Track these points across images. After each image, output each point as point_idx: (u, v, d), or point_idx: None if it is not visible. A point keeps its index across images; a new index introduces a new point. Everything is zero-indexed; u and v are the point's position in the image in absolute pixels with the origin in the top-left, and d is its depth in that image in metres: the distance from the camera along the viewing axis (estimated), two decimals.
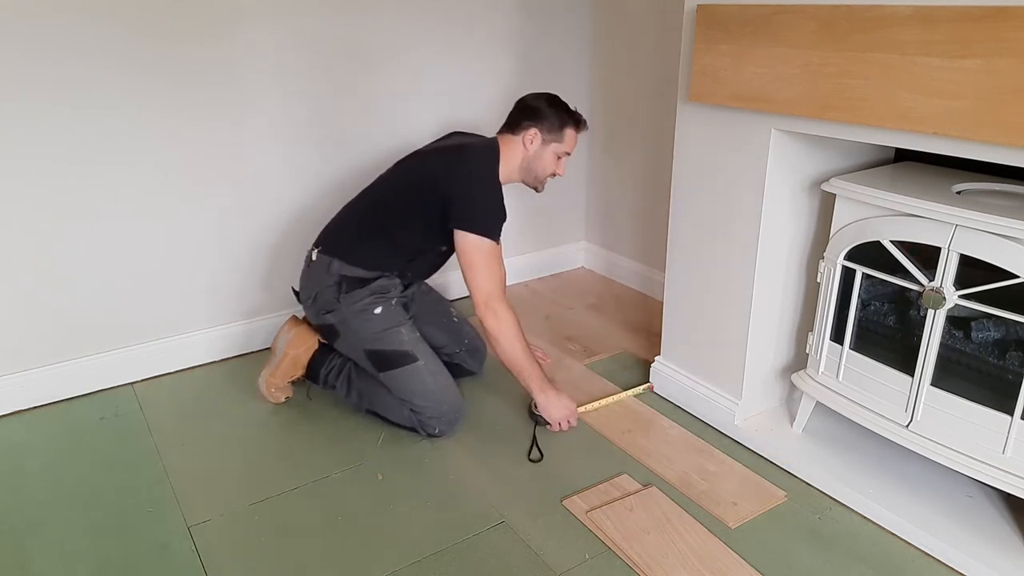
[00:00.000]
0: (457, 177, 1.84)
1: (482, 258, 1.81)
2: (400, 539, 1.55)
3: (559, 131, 1.93)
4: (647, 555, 1.49)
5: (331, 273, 1.90)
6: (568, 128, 1.94)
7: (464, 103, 2.55)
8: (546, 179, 1.99)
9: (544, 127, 1.92)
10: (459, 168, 1.86)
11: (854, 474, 1.68)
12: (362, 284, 1.89)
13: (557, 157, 1.96)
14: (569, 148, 1.96)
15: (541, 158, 1.94)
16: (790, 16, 1.47)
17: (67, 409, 2.04)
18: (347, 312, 1.88)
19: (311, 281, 1.95)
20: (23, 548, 1.54)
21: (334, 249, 1.93)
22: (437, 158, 1.93)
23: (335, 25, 2.21)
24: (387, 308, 1.89)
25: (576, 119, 1.95)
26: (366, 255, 1.90)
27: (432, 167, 1.91)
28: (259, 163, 2.21)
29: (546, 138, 1.92)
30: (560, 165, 1.98)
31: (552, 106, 1.93)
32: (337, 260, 1.90)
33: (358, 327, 1.88)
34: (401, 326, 1.89)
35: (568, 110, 1.95)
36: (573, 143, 1.97)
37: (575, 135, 1.96)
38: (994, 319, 1.42)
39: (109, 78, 1.91)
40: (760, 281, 1.77)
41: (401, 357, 1.86)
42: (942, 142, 1.30)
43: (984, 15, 1.18)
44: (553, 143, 1.93)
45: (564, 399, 1.90)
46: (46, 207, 1.93)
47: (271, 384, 2.00)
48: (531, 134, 1.92)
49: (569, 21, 2.71)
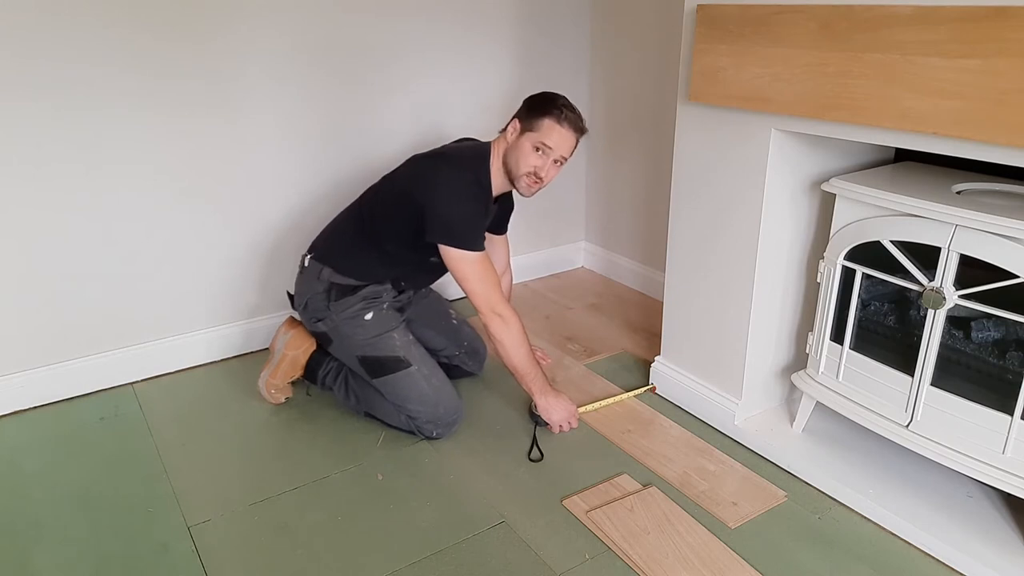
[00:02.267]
0: (430, 187, 1.78)
1: (469, 269, 1.78)
2: (400, 539, 1.55)
3: (537, 119, 1.77)
4: (647, 555, 1.49)
5: (321, 280, 1.89)
6: (547, 118, 1.75)
7: (464, 104, 2.55)
8: (525, 178, 1.81)
9: (523, 115, 1.81)
10: (433, 177, 1.80)
11: (854, 474, 1.68)
12: (352, 291, 1.88)
13: (535, 149, 1.77)
14: (547, 139, 1.76)
15: (517, 148, 1.79)
16: (790, 16, 1.47)
17: (67, 409, 2.04)
18: (338, 319, 1.87)
19: (303, 287, 1.95)
20: (23, 548, 1.53)
21: (325, 256, 1.92)
22: (417, 167, 1.87)
23: (335, 25, 2.21)
24: (378, 314, 1.88)
25: (559, 111, 1.76)
26: (356, 264, 1.89)
27: (411, 176, 1.86)
28: (259, 164, 2.21)
29: (523, 126, 1.79)
30: (541, 161, 1.78)
31: (539, 97, 1.82)
32: (328, 268, 1.89)
33: (350, 333, 1.87)
34: (393, 331, 1.88)
35: (556, 102, 1.78)
36: (554, 137, 1.76)
37: (556, 127, 1.76)
38: (994, 319, 1.42)
39: (107, 78, 1.91)
40: (760, 281, 1.77)
41: (394, 363, 1.85)
42: (942, 142, 1.30)
43: (984, 15, 1.18)
44: (528, 132, 1.77)
45: (564, 401, 1.89)
46: (46, 207, 1.93)
47: (271, 385, 2.00)
48: (513, 124, 1.82)
49: (569, 21, 2.71)
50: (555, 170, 1.83)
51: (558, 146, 1.78)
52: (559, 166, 1.83)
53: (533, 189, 1.83)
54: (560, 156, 1.80)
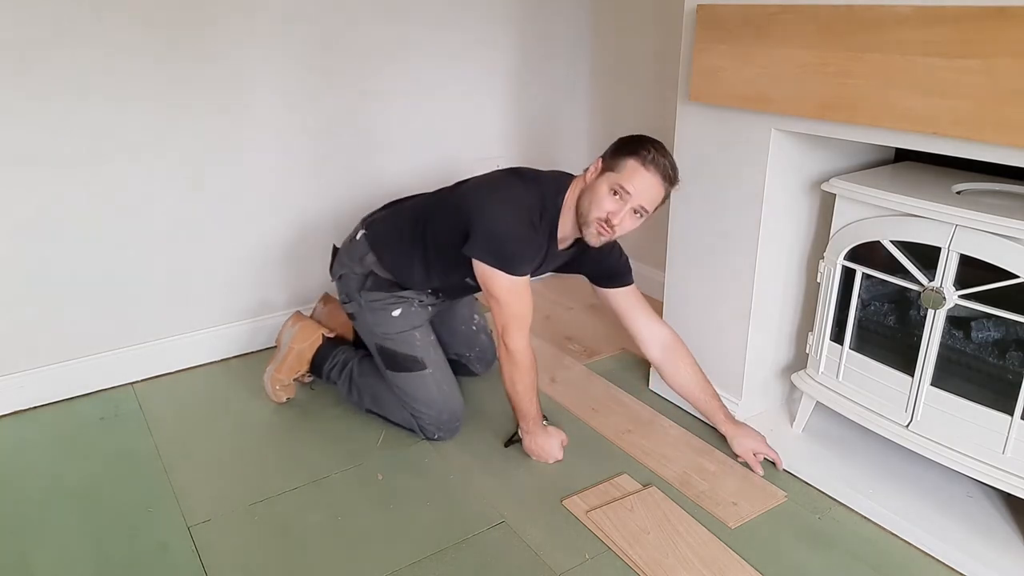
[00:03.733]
0: (483, 198, 1.69)
1: (499, 291, 1.64)
2: (400, 539, 1.55)
3: (620, 159, 1.57)
4: (647, 555, 1.49)
5: (364, 264, 1.86)
6: (632, 159, 1.55)
7: (464, 104, 2.55)
8: (596, 223, 1.59)
9: (608, 154, 1.62)
10: (490, 190, 1.71)
11: (854, 474, 1.68)
12: (388, 287, 1.85)
13: (613, 192, 1.57)
14: (627, 183, 1.55)
15: (592, 189, 1.60)
16: (790, 16, 1.47)
17: (67, 409, 2.04)
18: (365, 306, 1.86)
19: (345, 258, 1.91)
20: (23, 548, 1.53)
21: (375, 242, 1.86)
22: (482, 178, 1.78)
23: (342, 24, 2.21)
24: (406, 311, 1.86)
25: (646, 152, 1.55)
26: (400, 264, 1.84)
27: (472, 186, 1.77)
28: (261, 163, 2.21)
29: (604, 166, 1.60)
30: (616, 206, 1.57)
31: (629, 138, 1.62)
32: (373, 255, 1.85)
33: (373, 323, 1.86)
34: (416, 330, 1.86)
35: (645, 144, 1.58)
36: (636, 181, 1.55)
37: (640, 170, 1.55)
38: (994, 319, 1.42)
39: (109, 75, 1.91)
40: (760, 281, 1.77)
41: (411, 362, 1.84)
42: (942, 142, 1.30)
43: (984, 15, 1.18)
44: (608, 171, 1.58)
45: (553, 444, 1.78)
46: (45, 206, 1.93)
47: (276, 380, 2.00)
48: (595, 164, 1.63)
49: (569, 20, 2.71)
50: (632, 221, 1.60)
51: (639, 193, 1.56)
52: (639, 217, 1.60)
53: (603, 238, 1.61)
54: (640, 205, 1.57)
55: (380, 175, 2.41)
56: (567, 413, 2.00)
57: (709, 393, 1.83)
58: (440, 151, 2.53)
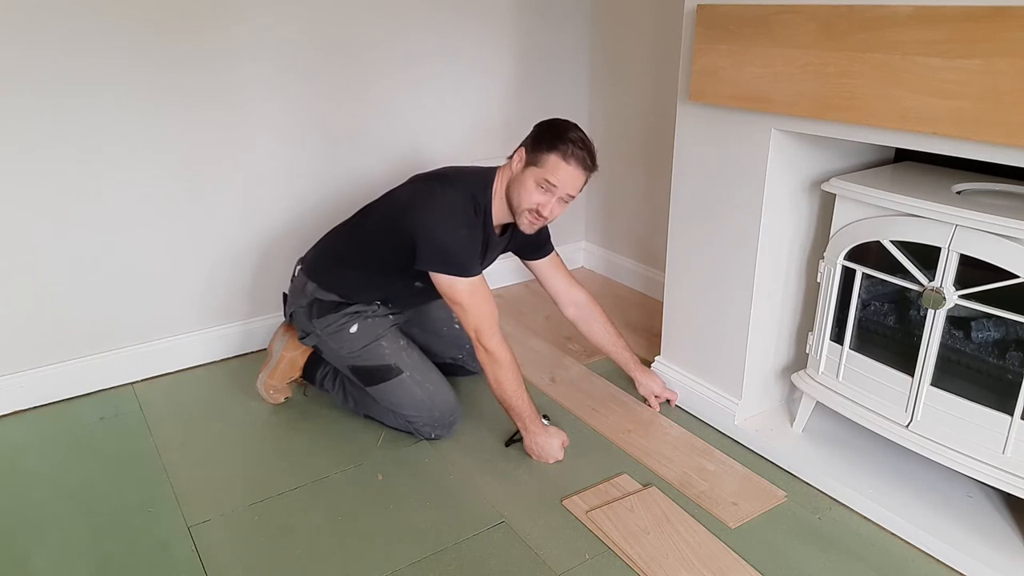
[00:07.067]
0: (421, 211, 1.72)
1: (461, 296, 1.70)
2: (400, 539, 1.55)
3: (542, 153, 1.66)
4: (647, 555, 1.49)
5: (305, 294, 1.88)
6: (553, 154, 1.64)
7: (464, 105, 2.55)
8: (527, 214, 1.71)
9: (529, 145, 1.70)
10: (425, 201, 1.73)
11: (854, 474, 1.68)
12: (335, 308, 1.85)
13: (538, 186, 1.67)
14: (552, 176, 1.65)
15: (520, 182, 1.70)
16: (790, 16, 1.47)
17: (67, 409, 2.04)
18: (323, 334, 1.87)
19: (292, 297, 1.94)
20: (23, 548, 1.53)
21: (311, 270, 1.90)
22: (414, 187, 1.81)
23: (335, 29, 2.21)
24: (363, 324, 1.85)
25: (566, 147, 1.64)
26: (340, 282, 1.86)
27: (407, 196, 1.80)
28: (259, 164, 2.21)
29: (528, 158, 1.69)
30: (544, 198, 1.68)
31: (547, 126, 1.70)
32: (312, 283, 1.87)
33: (337, 347, 1.86)
34: (381, 339, 1.85)
35: (564, 136, 1.65)
36: (560, 175, 1.65)
37: (562, 165, 1.64)
38: (994, 319, 1.42)
39: (108, 78, 1.91)
40: (760, 281, 1.77)
41: (385, 371, 1.83)
42: (942, 142, 1.30)
43: (984, 15, 1.18)
44: (532, 166, 1.67)
45: (554, 443, 1.78)
46: (45, 207, 1.93)
47: (269, 386, 2.00)
48: (518, 153, 1.72)
49: (569, 20, 2.71)
50: (560, 208, 1.72)
51: (564, 185, 1.66)
52: (565, 204, 1.72)
53: (535, 226, 1.74)
54: (566, 194, 1.69)
55: (380, 175, 2.41)
56: (567, 413, 2.00)
57: (620, 345, 2.04)
58: (441, 151, 2.53)
